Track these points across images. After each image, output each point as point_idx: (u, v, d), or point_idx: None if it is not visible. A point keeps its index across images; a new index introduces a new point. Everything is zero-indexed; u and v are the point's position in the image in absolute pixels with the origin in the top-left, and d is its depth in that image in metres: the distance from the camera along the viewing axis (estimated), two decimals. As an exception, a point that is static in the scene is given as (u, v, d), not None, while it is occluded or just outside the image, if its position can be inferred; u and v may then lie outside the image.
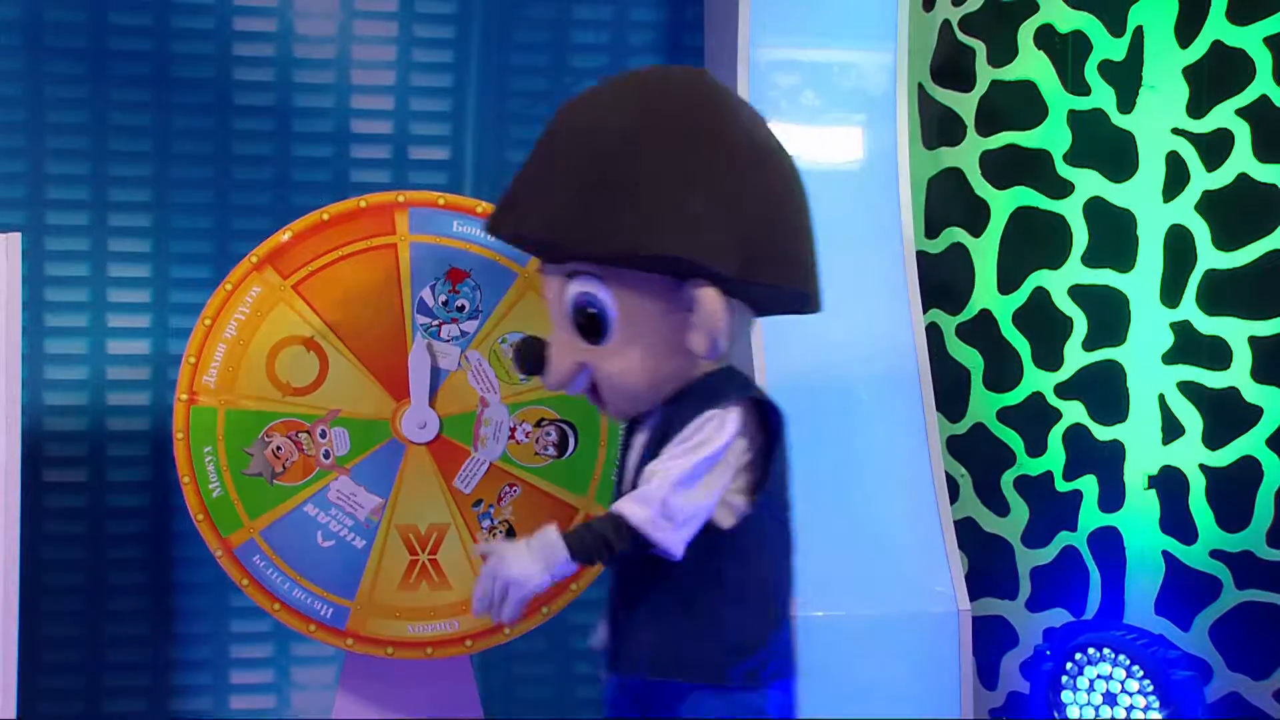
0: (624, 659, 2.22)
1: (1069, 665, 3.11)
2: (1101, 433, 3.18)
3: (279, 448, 2.66)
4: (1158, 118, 3.09)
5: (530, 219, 2.17)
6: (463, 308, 2.72)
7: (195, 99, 3.18)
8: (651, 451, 2.18)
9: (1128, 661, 3.03)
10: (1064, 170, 3.23)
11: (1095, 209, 3.19)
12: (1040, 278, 3.27)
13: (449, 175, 3.28)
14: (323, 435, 2.68)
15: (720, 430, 2.14)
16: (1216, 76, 3.00)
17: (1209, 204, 3.01)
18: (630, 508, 2.10)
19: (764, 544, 2.21)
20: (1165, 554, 3.07)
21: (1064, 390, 3.25)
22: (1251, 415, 2.94)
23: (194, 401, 2.64)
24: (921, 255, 3.28)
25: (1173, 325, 3.06)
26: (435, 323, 2.71)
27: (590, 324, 2.18)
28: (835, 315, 2.41)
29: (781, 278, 2.19)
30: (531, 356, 2.25)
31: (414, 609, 2.69)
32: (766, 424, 2.21)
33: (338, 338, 2.69)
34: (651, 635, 2.18)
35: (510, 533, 2.72)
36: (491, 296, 2.73)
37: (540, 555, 2.08)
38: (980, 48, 3.35)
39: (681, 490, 2.10)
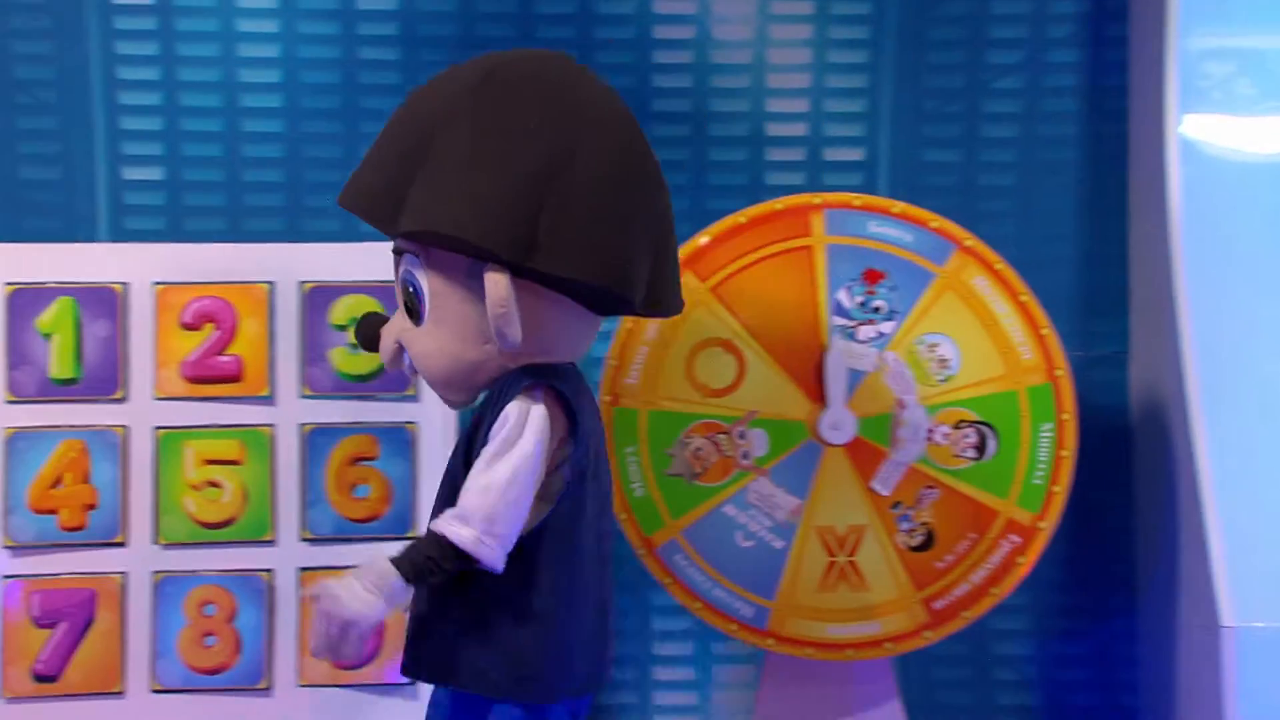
0: (423, 664, 2.15)
1: None
2: None
3: (699, 448, 2.70)
4: None
5: (349, 192, 2.15)
6: (879, 309, 2.70)
7: (614, 107, 3.25)
8: (464, 448, 2.12)
9: None
10: None
11: None
12: None
13: (864, 176, 3.26)
14: (741, 436, 2.69)
15: (526, 428, 2.07)
16: None
17: None
18: (454, 528, 2.03)
19: (562, 552, 2.12)
20: None
21: None
22: None
23: (616, 403, 2.70)
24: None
25: None
26: (852, 324, 2.69)
27: (411, 303, 2.15)
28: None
29: (577, 270, 2.07)
30: (368, 333, 2.22)
31: (833, 610, 2.68)
32: (573, 422, 2.14)
33: (755, 340, 2.70)
34: (443, 644, 2.13)
35: (929, 536, 2.68)
36: (909, 297, 2.70)
37: (375, 587, 1.99)
38: None
39: (502, 502, 2.03)
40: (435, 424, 2.74)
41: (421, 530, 2.62)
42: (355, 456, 2.73)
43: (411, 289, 2.15)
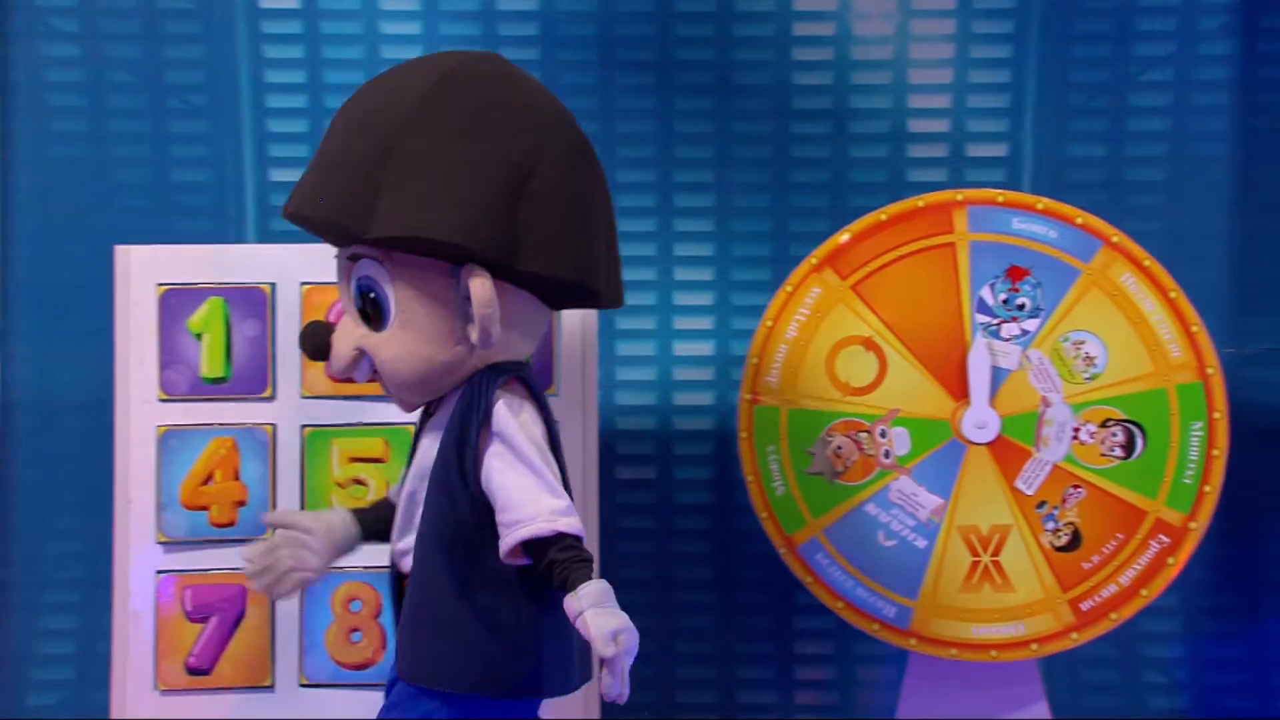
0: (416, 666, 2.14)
1: None
2: None
3: (840, 447, 2.69)
4: None
5: (304, 199, 2.11)
6: (1023, 306, 2.67)
7: (755, 105, 3.25)
8: (455, 455, 2.10)
9: None
10: None
11: None
12: None
13: (1007, 172, 3.23)
14: (883, 435, 2.68)
15: (522, 424, 2.10)
16: None
17: None
18: (564, 522, 2.04)
19: None
20: None
21: None
22: None
23: (757, 401, 2.70)
24: None
25: None
26: (995, 321, 2.67)
27: (373, 309, 2.11)
28: None
29: (556, 267, 2.09)
30: (316, 342, 2.17)
31: (977, 610, 2.66)
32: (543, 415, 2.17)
33: (896, 337, 2.69)
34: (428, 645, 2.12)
35: (1076, 535, 2.65)
36: (1053, 294, 2.67)
37: (609, 601, 2.00)
38: None
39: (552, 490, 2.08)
40: (576, 422, 2.72)
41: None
42: None
43: (373, 294, 2.13)
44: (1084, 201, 2.74)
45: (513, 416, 2.11)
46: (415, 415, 2.25)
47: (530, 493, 2.07)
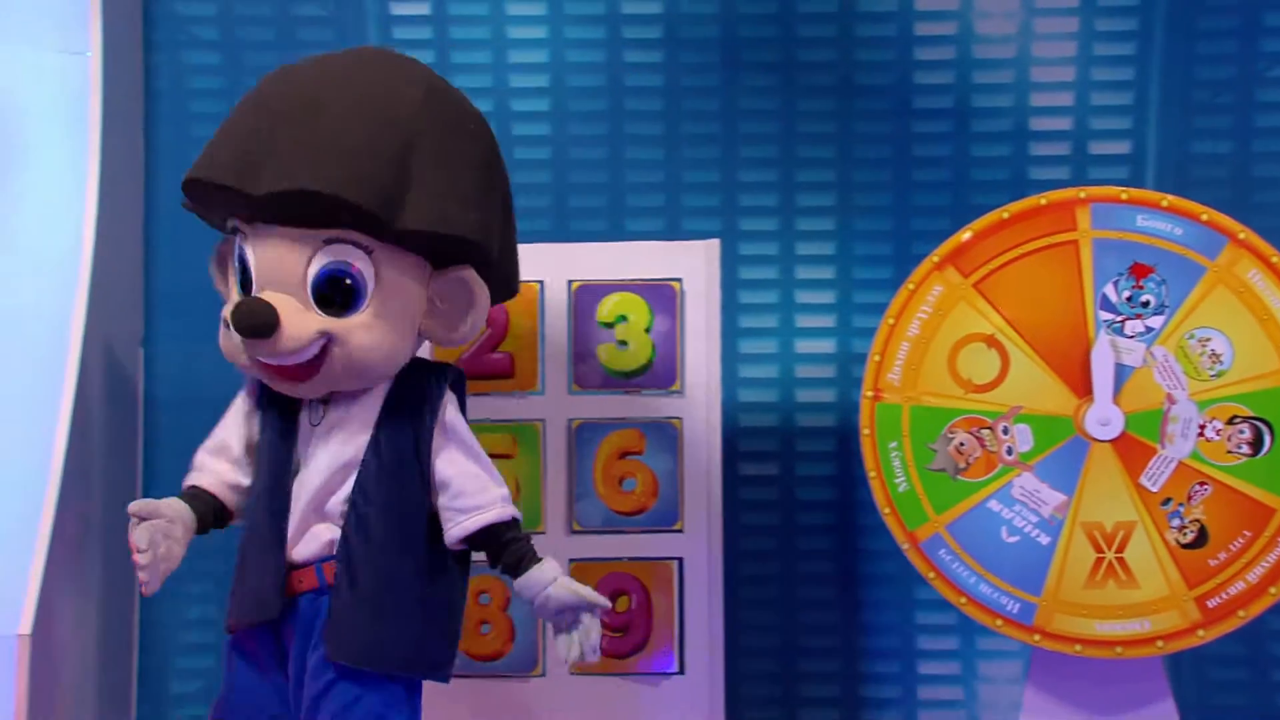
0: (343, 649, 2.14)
1: None
2: None
3: (962, 444, 2.70)
4: None
5: (337, 178, 2.06)
6: (1147, 303, 2.67)
7: (877, 105, 3.27)
8: (407, 442, 2.18)
9: None
10: None
11: None
12: None
13: (1130, 169, 3.22)
14: (1005, 432, 2.69)
15: (457, 407, 2.25)
16: None
17: None
18: (511, 509, 2.21)
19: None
20: None
21: None
22: None
23: (879, 398, 2.72)
24: None
25: None
26: (1118, 318, 2.67)
27: (342, 295, 2.12)
28: None
29: (517, 266, 2.36)
30: (260, 319, 2.08)
31: (1101, 607, 2.66)
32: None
33: (1019, 334, 2.69)
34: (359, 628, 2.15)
35: (1202, 532, 2.64)
36: (1178, 291, 2.66)
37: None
38: None
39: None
40: (700, 419, 2.78)
41: (685, 524, 2.74)
42: (622, 450, 2.78)
43: (348, 281, 2.13)
44: (1209, 198, 2.74)
45: (456, 409, 2.24)
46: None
47: (481, 481, 2.21)
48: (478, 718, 2.73)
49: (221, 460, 2.25)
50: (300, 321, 2.11)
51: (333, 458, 2.19)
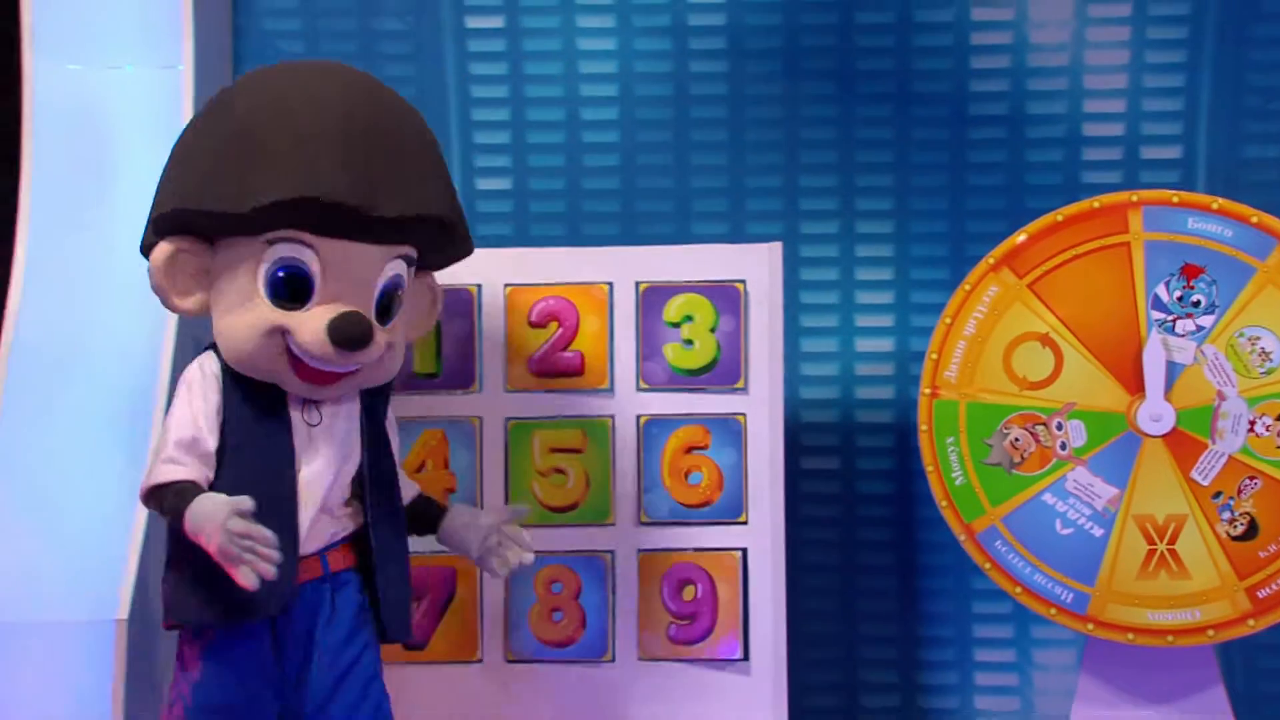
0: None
1: None
2: None
3: (1017, 439, 2.75)
4: None
5: (423, 201, 2.21)
6: (1198, 303, 2.71)
7: (933, 111, 3.32)
8: (382, 430, 2.34)
9: None
10: None
11: None
12: None
13: (1181, 173, 3.25)
14: (1059, 428, 2.74)
15: None
16: None
17: None
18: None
19: None
20: None
21: None
22: None
23: (936, 395, 2.77)
24: None
25: None
26: (1170, 318, 2.72)
27: (393, 305, 2.25)
28: None
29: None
30: (360, 331, 2.14)
31: (1153, 597, 2.70)
32: None
33: (1072, 333, 2.74)
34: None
35: (1252, 525, 2.69)
36: (1228, 291, 2.71)
37: None
38: None
39: None
40: (763, 415, 2.81)
41: (749, 516, 2.79)
42: (689, 445, 2.81)
43: (400, 292, 2.27)
44: (1260, 201, 2.77)
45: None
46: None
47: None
48: (551, 702, 2.78)
49: (194, 456, 2.16)
50: (378, 334, 2.20)
51: (338, 456, 2.26)
